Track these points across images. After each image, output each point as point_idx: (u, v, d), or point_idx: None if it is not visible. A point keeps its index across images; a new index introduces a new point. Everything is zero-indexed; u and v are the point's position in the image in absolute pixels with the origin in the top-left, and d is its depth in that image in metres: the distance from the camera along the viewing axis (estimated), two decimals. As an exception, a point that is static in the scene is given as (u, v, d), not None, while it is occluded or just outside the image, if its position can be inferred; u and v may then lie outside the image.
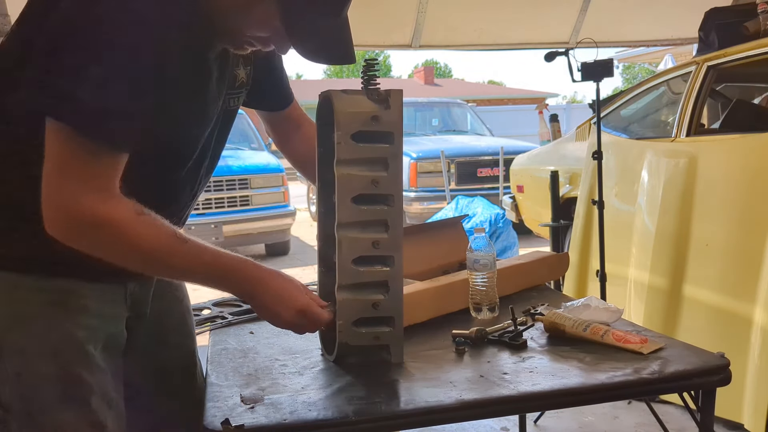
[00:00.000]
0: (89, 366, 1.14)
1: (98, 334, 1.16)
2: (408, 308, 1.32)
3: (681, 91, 3.25)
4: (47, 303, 1.11)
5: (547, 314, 1.47)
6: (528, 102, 24.70)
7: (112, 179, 1.03)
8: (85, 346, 1.14)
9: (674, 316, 2.82)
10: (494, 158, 7.56)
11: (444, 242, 1.89)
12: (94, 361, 1.15)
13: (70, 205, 1.01)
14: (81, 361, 1.13)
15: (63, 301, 1.12)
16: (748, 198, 2.57)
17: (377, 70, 1.20)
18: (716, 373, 1.23)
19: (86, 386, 1.13)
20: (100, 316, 1.17)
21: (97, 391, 1.14)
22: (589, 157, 3.37)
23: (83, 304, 1.14)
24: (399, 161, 1.23)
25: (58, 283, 1.12)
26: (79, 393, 1.12)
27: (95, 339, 1.16)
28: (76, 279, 1.13)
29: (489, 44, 5.17)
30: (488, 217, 5.35)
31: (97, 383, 1.14)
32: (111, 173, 1.03)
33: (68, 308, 1.13)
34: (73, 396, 1.12)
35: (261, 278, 1.16)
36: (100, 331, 1.17)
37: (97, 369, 1.15)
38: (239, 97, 1.31)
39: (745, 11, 3.12)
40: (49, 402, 1.11)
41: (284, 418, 1.09)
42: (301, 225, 8.48)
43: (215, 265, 1.12)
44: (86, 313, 1.15)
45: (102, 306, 1.17)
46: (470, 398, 1.15)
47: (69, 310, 1.13)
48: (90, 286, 1.15)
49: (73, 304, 1.14)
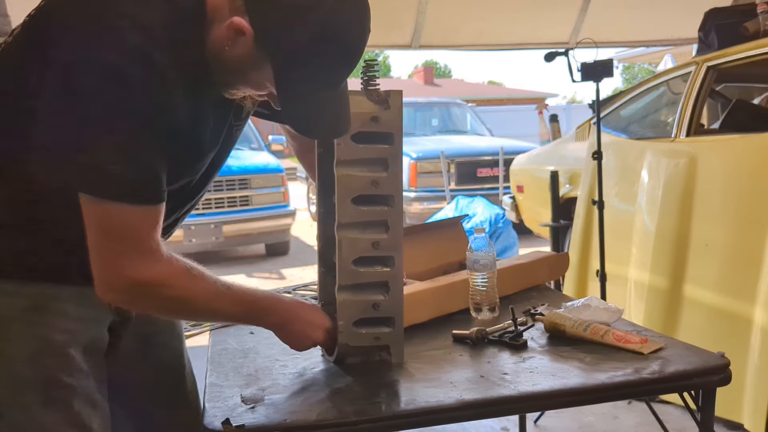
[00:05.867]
0: (69, 369, 1.14)
1: (78, 337, 1.16)
2: (408, 308, 1.32)
3: (681, 91, 3.25)
4: (24, 308, 1.11)
5: (547, 314, 1.48)
6: (528, 102, 24.68)
7: (156, 237, 1.08)
8: (64, 349, 1.13)
9: (674, 316, 2.82)
10: (494, 158, 7.55)
11: (444, 242, 1.89)
12: (75, 364, 1.14)
13: (128, 274, 1.05)
14: (60, 364, 1.13)
15: (40, 305, 1.12)
16: (748, 198, 2.57)
17: (377, 71, 1.20)
18: (716, 372, 1.23)
19: (68, 389, 1.13)
20: (80, 319, 1.16)
21: (79, 393, 1.14)
22: (589, 157, 3.37)
23: (62, 308, 1.14)
24: (399, 162, 1.23)
25: (37, 288, 1.12)
26: (60, 396, 1.12)
27: (75, 342, 1.15)
28: (55, 283, 1.13)
29: (489, 44, 5.18)
30: (488, 217, 5.35)
31: (79, 385, 1.14)
32: (155, 231, 1.07)
33: (45, 312, 1.12)
34: (54, 399, 1.12)
35: (292, 309, 1.27)
36: (81, 335, 1.16)
37: (77, 371, 1.15)
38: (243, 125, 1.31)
39: (745, 11, 3.11)
40: (31, 406, 1.11)
41: (285, 419, 1.09)
42: (301, 225, 8.47)
43: (255, 305, 1.23)
44: (65, 317, 1.14)
45: (83, 309, 1.16)
46: (470, 398, 1.15)
47: (46, 315, 1.12)
48: (70, 290, 1.14)
49: (52, 309, 1.13)
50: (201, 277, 1.13)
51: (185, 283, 1.11)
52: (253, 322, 1.30)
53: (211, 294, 1.14)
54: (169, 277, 1.09)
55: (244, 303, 1.21)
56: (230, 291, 1.17)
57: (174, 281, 1.10)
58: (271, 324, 1.26)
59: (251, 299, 1.22)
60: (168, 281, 1.09)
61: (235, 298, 1.19)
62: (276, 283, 5.94)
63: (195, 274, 1.12)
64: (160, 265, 1.08)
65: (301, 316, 1.27)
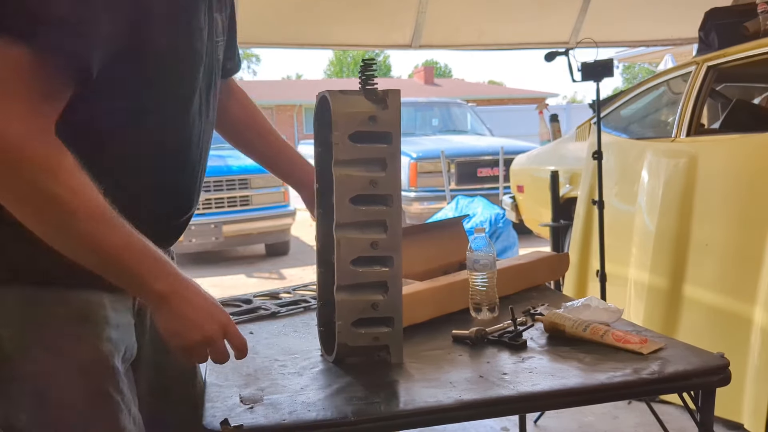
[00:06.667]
0: (116, 381, 1.06)
1: (119, 345, 1.09)
2: (408, 308, 1.32)
3: (681, 91, 3.25)
4: (71, 317, 1.02)
5: (547, 314, 1.47)
6: (528, 102, 24.68)
7: (53, 118, 0.89)
8: (110, 360, 1.05)
9: (674, 316, 2.82)
10: (494, 158, 7.56)
11: (444, 242, 1.89)
12: (119, 376, 1.07)
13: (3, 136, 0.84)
14: (109, 377, 1.05)
15: (86, 314, 1.04)
16: (748, 198, 2.57)
17: (375, 70, 1.20)
18: (716, 373, 1.23)
19: (115, 403, 1.05)
20: (118, 326, 1.09)
21: (123, 408, 1.07)
22: (589, 157, 3.37)
23: (104, 316, 1.06)
24: (397, 161, 1.22)
25: (80, 295, 1.03)
26: (108, 412, 1.04)
27: (117, 351, 1.08)
28: (94, 289, 1.04)
29: (489, 44, 5.18)
30: (488, 217, 5.35)
31: (123, 399, 1.07)
32: (55, 109, 0.89)
33: (92, 321, 1.04)
34: (102, 416, 1.04)
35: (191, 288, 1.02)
36: (120, 343, 1.10)
37: (122, 384, 1.07)
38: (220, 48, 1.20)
39: (745, 11, 3.11)
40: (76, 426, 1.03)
41: (283, 419, 1.08)
42: (301, 225, 8.47)
43: (148, 257, 0.97)
44: (108, 324, 1.06)
45: (118, 316, 1.10)
46: (470, 398, 1.15)
47: (93, 323, 1.04)
48: (107, 297, 1.06)
49: (97, 316, 1.05)
50: (94, 191, 0.91)
51: (73, 181, 0.89)
52: (133, 282, 0.98)
53: (99, 214, 0.91)
54: (57, 162, 0.88)
55: (135, 248, 0.95)
56: (125, 228, 0.94)
57: (60, 170, 0.88)
58: (156, 293, 0.98)
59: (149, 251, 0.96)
60: (53, 166, 0.87)
61: (127, 238, 0.94)
62: (276, 283, 5.94)
63: (87, 182, 0.91)
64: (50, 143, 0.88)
65: (200, 302, 1.02)
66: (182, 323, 1.00)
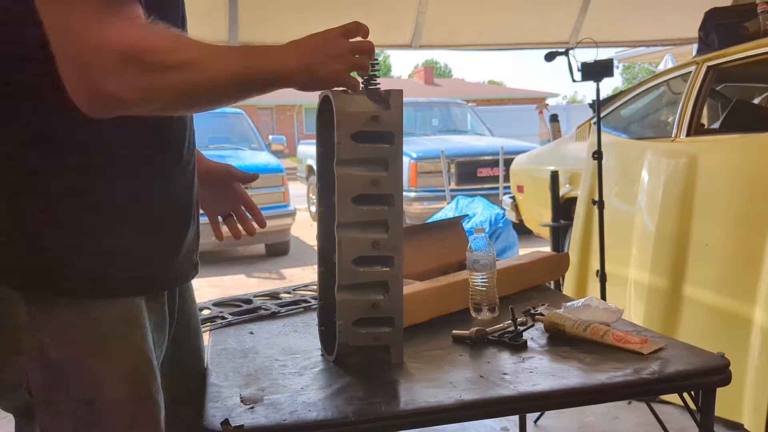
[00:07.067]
0: (157, 383, 1.06)
1: (157, 349, 1.09)
2: (408, 308, 1.32)
3: (681, 91, 3.25)
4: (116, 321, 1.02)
5: (547, 314, 1.47)
6: (528, 102, 24.70)
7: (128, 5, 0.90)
8: (153, 362, 1.06)
9: (674, 316, 2.82)
10: (494, 158, 7.55)
11: (444, 242, 1.89)
12: (159, 379, 1.07)
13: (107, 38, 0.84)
14: (153, 378, 1.05)
15: (129, 318, 1.04)
16: (748, 198, 2.57)
17: (377, 70, 1.20)
18: (716, 373, 1.23)
19: (156, 406, 1.06)
20: (155, 330, 1.09)
21: (161, 409, 1.07)
22: (589, 157, 3.37)
23: (145, 318, 1.06)
24: (399, 161, 1.22)
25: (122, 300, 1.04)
26: (151, 414, 1.05)
27: (156, 354, 1.08)
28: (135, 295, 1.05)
29: (489, 44, 5.18)
30: (488, 217, 5.35)
31: (161, 401, 1.07)
32: None
33: (136, 324, 1.04)
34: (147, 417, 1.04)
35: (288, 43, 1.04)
36: (157, 346, 1.10)
37: (161, 387, 1.07)
38: None
39: (745, 11, 3.11)
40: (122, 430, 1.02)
41: (284, 419, 1.09)
42: (301, 225, 8.48)
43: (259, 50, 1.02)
44: (147, 328, 1.06)
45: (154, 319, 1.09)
46: (470, 398, 1.15)
47: (137, 326, 1.04)
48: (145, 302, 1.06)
49: (139, 320, 1.05)
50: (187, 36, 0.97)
51: (178, 43, 0.93)
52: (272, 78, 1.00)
53: (208, 51, 0.95)
54: (159, 40, 0.90)
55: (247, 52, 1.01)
56: (223, 46, 0.99)
57: (166, 43, 0.91)
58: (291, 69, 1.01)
59: (254, 49, 1.02)
60: (159, 44, 0.90)
61: (235, 50, 1.00)
62: (276, 283, 5.94)
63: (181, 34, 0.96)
64: (143, 28, 0.90)
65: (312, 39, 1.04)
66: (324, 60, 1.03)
